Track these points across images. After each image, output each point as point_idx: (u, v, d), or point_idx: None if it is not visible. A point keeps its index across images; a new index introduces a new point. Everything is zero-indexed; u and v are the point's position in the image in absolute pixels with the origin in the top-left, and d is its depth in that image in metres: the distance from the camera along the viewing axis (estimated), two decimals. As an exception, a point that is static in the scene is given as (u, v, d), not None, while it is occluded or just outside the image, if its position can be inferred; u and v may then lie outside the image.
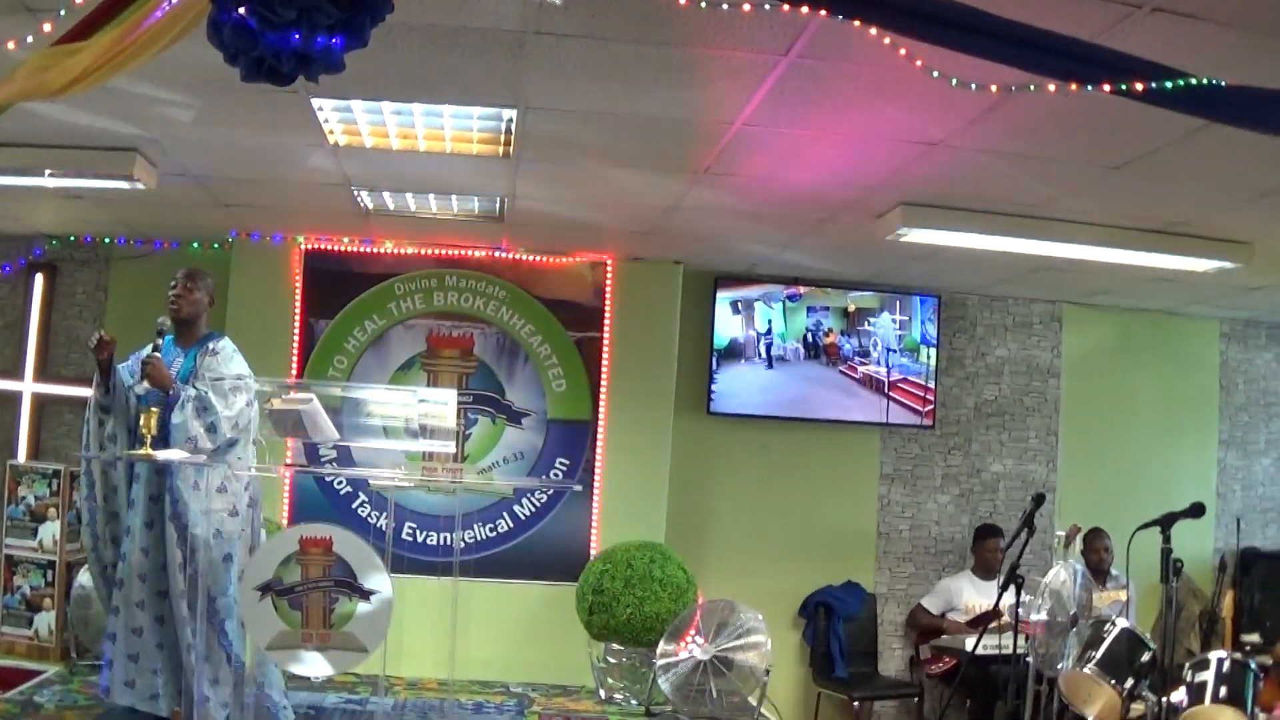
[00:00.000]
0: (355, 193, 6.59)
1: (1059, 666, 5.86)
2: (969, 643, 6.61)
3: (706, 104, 4.67)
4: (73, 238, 8.06)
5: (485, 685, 7.25)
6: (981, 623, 6.69)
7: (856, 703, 7.89)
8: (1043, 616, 5.90)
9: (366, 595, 4.96)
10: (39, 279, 7.97)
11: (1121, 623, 5.83)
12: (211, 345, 5.51)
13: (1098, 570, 7.66)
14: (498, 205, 6.74)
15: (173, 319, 5.48)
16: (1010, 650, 5.87)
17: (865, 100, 4.46)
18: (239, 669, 5.34)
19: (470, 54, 4.26)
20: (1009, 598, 5.71)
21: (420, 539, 7.53)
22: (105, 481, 5.47)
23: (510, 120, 5.14)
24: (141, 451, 5.06)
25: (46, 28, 3.47)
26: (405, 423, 5.48)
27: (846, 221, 6.47)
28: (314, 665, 5.03)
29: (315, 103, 5.03)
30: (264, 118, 5.32)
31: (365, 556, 4.99)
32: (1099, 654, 5.74)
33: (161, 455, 5.15)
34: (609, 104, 4.78)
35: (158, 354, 5.29)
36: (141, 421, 5.11)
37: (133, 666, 5.28)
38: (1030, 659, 5.93)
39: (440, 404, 5.42)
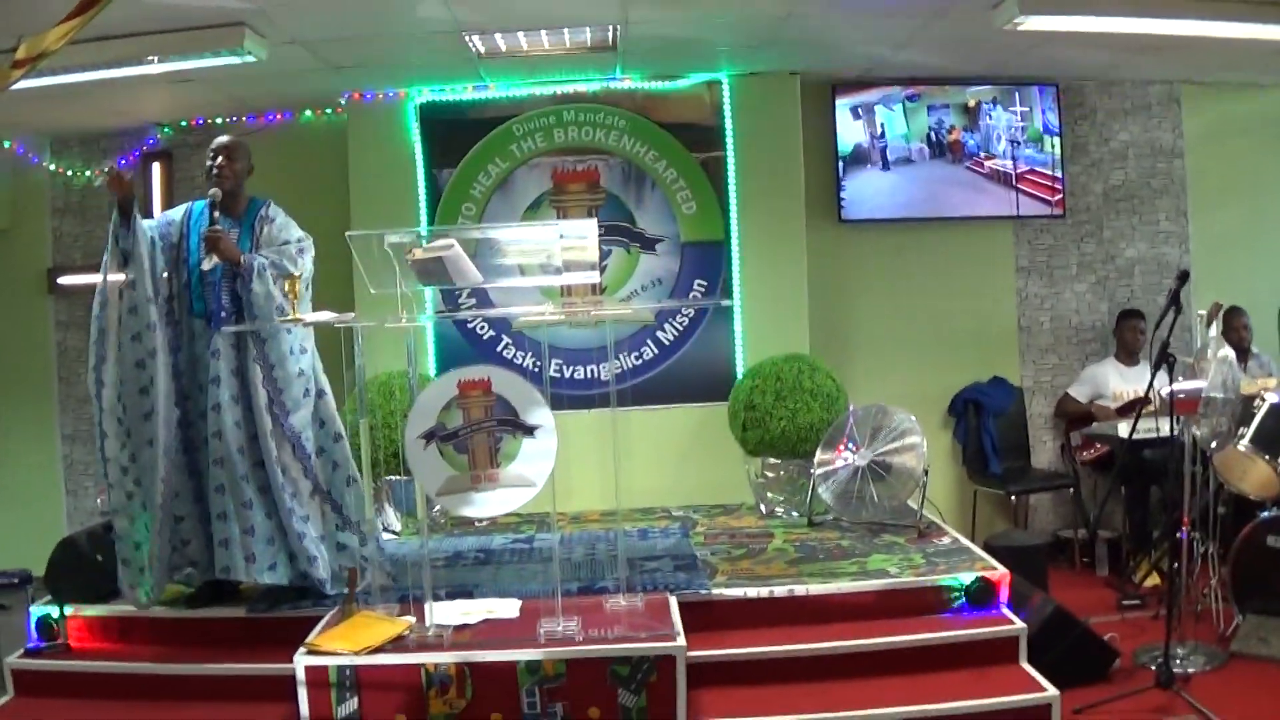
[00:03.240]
0: (466, 38, 6.53)
1: (1213, 445, 5.81)
2: (1122, 429, 6.58)
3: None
4: (184, 122, 8.08)
5: (647, 512, 7.28)
6: (1132, 409, 6.61)
7: (1013, 497, 7.90)
8: (1205, 394, 5.80)
9: (530, 431, 4.93)
10: (156, 168, 8.01)
11: (1271, 398, 5.79)
12: (265, 213, 5.54)
13: (1238, 349, 7.53)
14: (610, 34, 6.65)
15: (222, 191, 5.38)
16: (1163, 434, 5.79)
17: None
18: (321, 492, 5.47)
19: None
20: (1161, 379, 5.58)
21: (568, 374, 7.56)
22: (189, 353, 5.43)
23: (618, -60, 5.06)
24: (292, 317, 5.11)
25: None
26: (546, 259, 5.41)
27: (962, 13, 6.31)
28: (486, 506, 4.99)
29: (420, -54, 4.99)
30: (371, -30, 5.30)
31: (525, 393, 4.94)
32: (1251, 430, 5.75)
33: (310, 318, 5.22)
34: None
35: (220, 228, 5.26)
36: (286, 288, 5.15)
37: (249, 540, 5.25)
38: (1185, 440, 5.84)
39: (580, 237, 5.33)
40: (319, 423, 5.52)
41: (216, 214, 5.27)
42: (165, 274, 5.42)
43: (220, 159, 5.41)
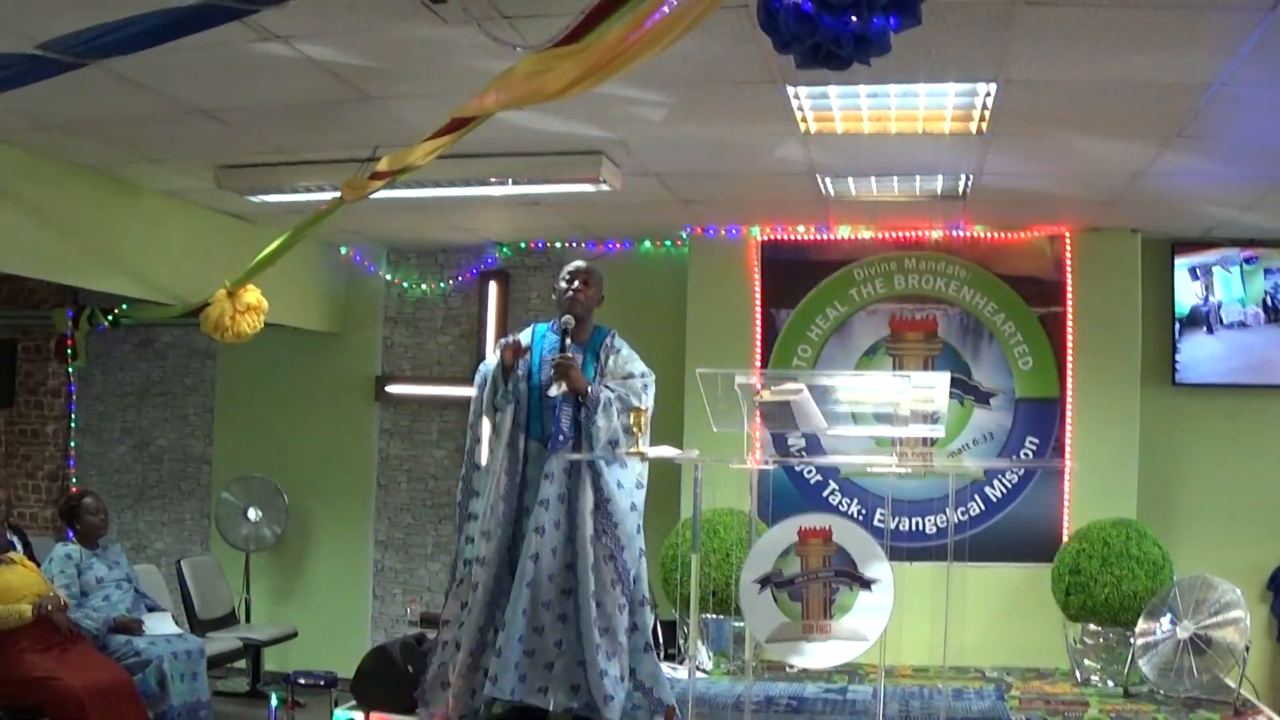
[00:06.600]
0: (820, 180, 6.58)
1: None
2: None
3: (1187, 65, 4.53)
4: (524, 244, 8.29)
5: (961, 671, 7.18)
6: None
7: (1324, 678, 7.65)
8: None
9: (868, 584, 4.93)
10: (493, 287, 8.23)
11: None
12: (610, 342, 5.47)
13: None
14: (961, 183, 6.66)
15: (574, 316, 5.36)
16: None
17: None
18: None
19: (955, 29, 4.19)
20: None
21: (892, 524, 7.52)
22: (522, 476, 5.41)
23: (988, 95, 5.05)
24: (635, 450, 5.06)
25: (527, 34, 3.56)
26: (890, 408, 5.41)
27: (1310, 178, 6.21)
28: (816, 657, 5.01)
29: (790, 91, 5.01)
30: (736, 110, 5.35)
31: (866, 545, 4.97)
32: None
33: (652, 453, 5.15)
34: (1090, 72, 4.68)
35: (570, 355, 5.21)
36: (632, 420, 5.08)
37: (526, 661, 5.16)
38: None
39: (928, 388, 5.34)
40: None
41: (568, 340, 5.25)
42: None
43: (576, 283, 5.41)
